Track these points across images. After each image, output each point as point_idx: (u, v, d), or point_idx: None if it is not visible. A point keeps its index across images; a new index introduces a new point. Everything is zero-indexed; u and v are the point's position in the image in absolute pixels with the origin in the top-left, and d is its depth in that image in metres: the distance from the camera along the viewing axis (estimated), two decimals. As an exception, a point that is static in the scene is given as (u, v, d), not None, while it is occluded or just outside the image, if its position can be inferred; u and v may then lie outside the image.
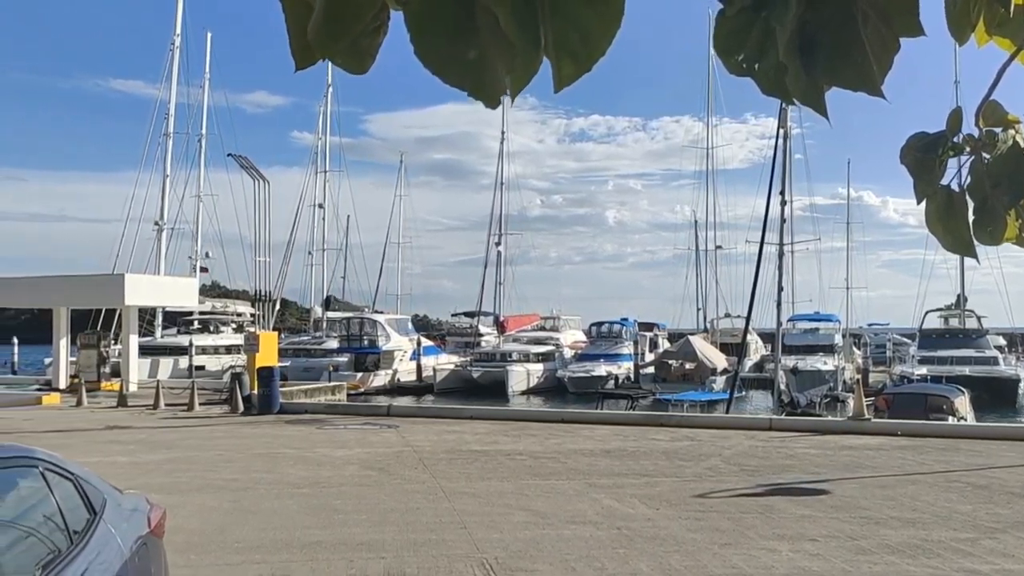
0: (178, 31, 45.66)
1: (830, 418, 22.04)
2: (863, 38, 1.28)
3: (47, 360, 32.37)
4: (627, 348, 44.81)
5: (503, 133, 54.77)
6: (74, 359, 26.49)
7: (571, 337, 51.69)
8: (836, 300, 58.67)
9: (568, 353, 47.78)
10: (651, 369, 40.79)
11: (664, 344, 48.65)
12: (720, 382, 35.50)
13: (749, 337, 35.99)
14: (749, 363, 45.37)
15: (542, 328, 53.51)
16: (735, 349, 35.85)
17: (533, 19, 1.09)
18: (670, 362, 38.97)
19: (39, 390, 24.48)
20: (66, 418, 18.59)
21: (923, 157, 1.57)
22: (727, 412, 23.10)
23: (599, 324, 49.10)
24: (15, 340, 47.73)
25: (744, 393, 34.06)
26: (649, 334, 49.41)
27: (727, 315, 54.39)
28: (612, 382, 39.96)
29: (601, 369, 41.77)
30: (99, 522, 3.50)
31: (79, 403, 21.43)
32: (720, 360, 38.15)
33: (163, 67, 45.90)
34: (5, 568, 2.65)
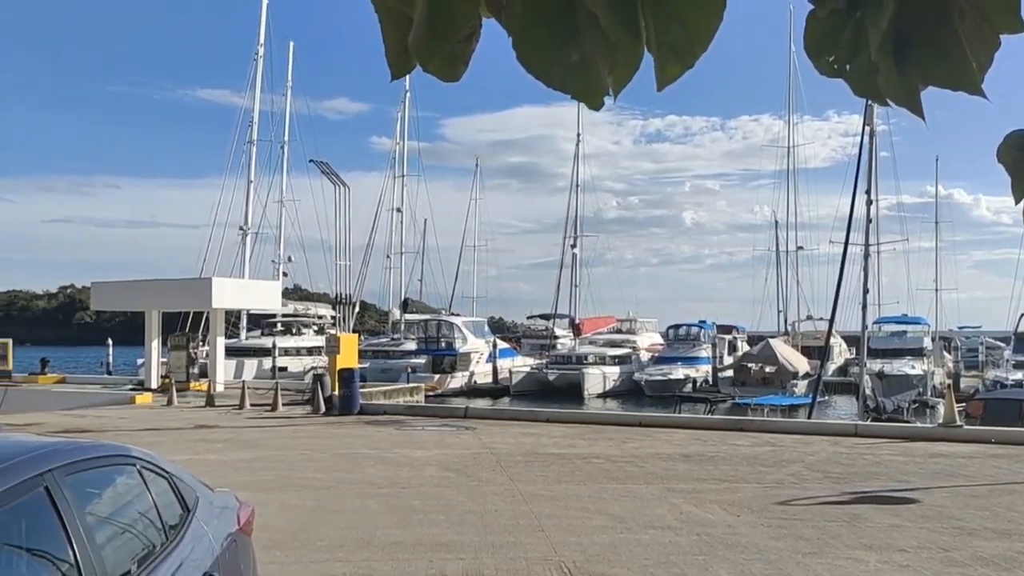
0: (262, 41, 47.03)
1: (919, 424, 21.31)
2: (960, 35, 1.23)
3: (139, 361, 33.70)
4: (705, 351, 44.21)
5: (578, 135, 54.73)
6: (165, 360, 27.48)
7: (648, 340, 51.26)
8: (925, 302, 56.66)
9: (645, 356, 47.40)
10: (730, 372, 40.10)
11: (743, 347, 47.78)
12: (802, 386, 34.67)
13: (832, 340, 35.12)
14: (832, 367, 44.24)
15: (618, 331, 53.22)
16: (817, 352, 34.94)
17: (634, 16, 1.08)
18: (750, 365, 38.25)
19: (132, 390, 25.48)
20: (158, 417, 19.30)
21: (1023, 156, 1.51)
22: (809, 417, 22.54)
23: (676, 327, 48.57)
24: (110, 342, 49.84)
25: (827, 398, 33.24)
26: (728, 337, 48.65)
27: (809, 317, 53.11)
28: (690, 385, 39.51)
29: (679, 372, 41.31)
30: (192, 519, 3.63)
31: (170, 402, 22.24)
32: (802, 364, 37.28)
33: (247, 76, 47.35)
34: (106, 562, 2.77)
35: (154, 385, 25.94)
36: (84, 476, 3.00)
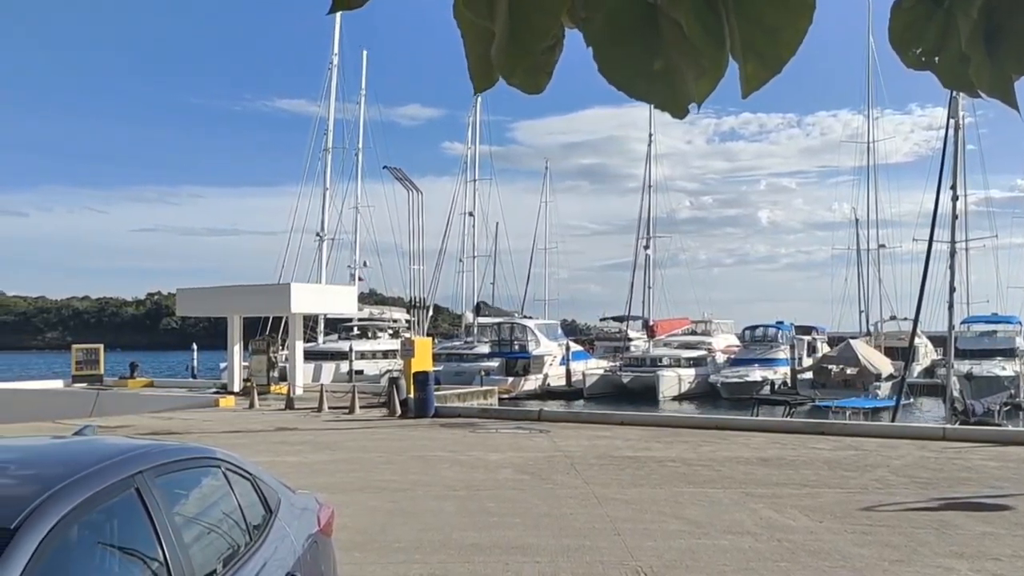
0: (336, 51, 48.06)
1: (1012, 428, 20.42)
2: (1054, 22, 1.17)
3: (222, 365, 34.70)
4: (783, 352, 43.27)
5: (650, 136, 54.15)
6: (246, 364, 28.25)
7: (723, 341, 50.42)
8: (1016, 301, 54.30)
9: (720, 358, 46.63)
10: (809, 374, 39.16)
11: (823, 348, 46.59)
12: (885, 388, 33.59)
13: (917, 340, 33.95)
14: (918, 368, 42.82)
15: (693, 332, 52.50)
16: (901, 353, 33.87)
17: (718, 23, 1.06)
18: (830, 367, 37.29)
19: (216, 393, 26.26)
20: (240, 419, 19.84)
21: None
22: (893, 420, 21.81)
23: (753, 328, 47.65)
24: (194, 346, 51.49)
25: (912, 400, 32.12)
26: (807, 338, 47.51)
27: (893, 317, 51.45)
28: (768, 388, 38.68)
29: (756, 374, 40.51)
30: (274, 520, 3.71)
31: (251, 405, 22.85)
32: (885, 365, 36.16)
33: (323, 85, 48.41)
34: (193, 561, 2.85)
35: (236, 388, 26.69)
36: (172, 477, 3.10)
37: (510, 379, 40.60)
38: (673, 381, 41.52)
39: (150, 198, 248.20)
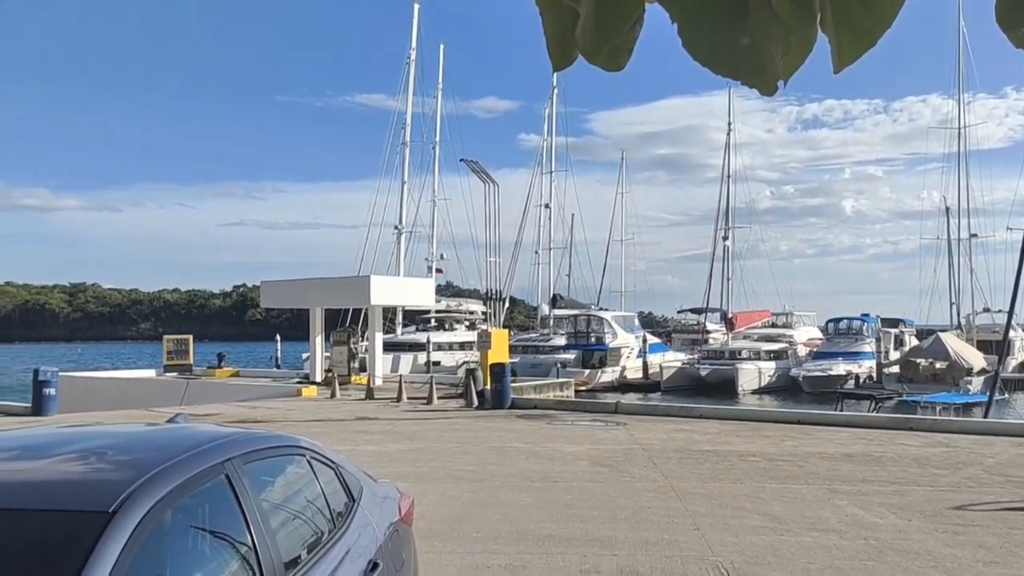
0: (414, 45, 48.57)
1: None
2: None
3: (304, 355, 35.58)
4: (868, 346, 41.98)
5: (729, 124, 53.32)
6: (327, 355, 28.86)
7: (805, 334, 49.26)
8: (1122, 292, 51.32)
9: (802, 351, 45.60)
10: (896, 368, 37.92)
11: (911, 341, 45.03)
12: (977, 383, 32.31)
13: (1012, 334, 32.56)
14: (1012, 363, 41.06)
15: (773, 325, 51.48)
16: (995, 347, 32.53)
17: None
18: (918, 361, 36.02)
19: (299, 383, 26.91)
20: (322, 409, 20.30)
21: None
22: (986, 416, 20.94)
23: (837, 320, 46.40)
24: (278, 337, 52.85)
25: (1006, 396, 30.81)
26: (894, 331, 46.00)
27: (986, 310, 49.43)
28: (852, 382, 37.63)
29: (840, 368, 39.48)
30: (357, 508, 3.78)
31: (332, 395, 23.36)
32: (977, 359, 34.77)
33: (400, 80, 49.01)
34: (280, 546, 2.92)
35: (318, 378, 27.29)
36: (260, 465, 3.19)
37: (586, 371, 40.52)
38: (753, 374, 40.80)
39: (236, 194, 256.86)
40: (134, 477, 2.53)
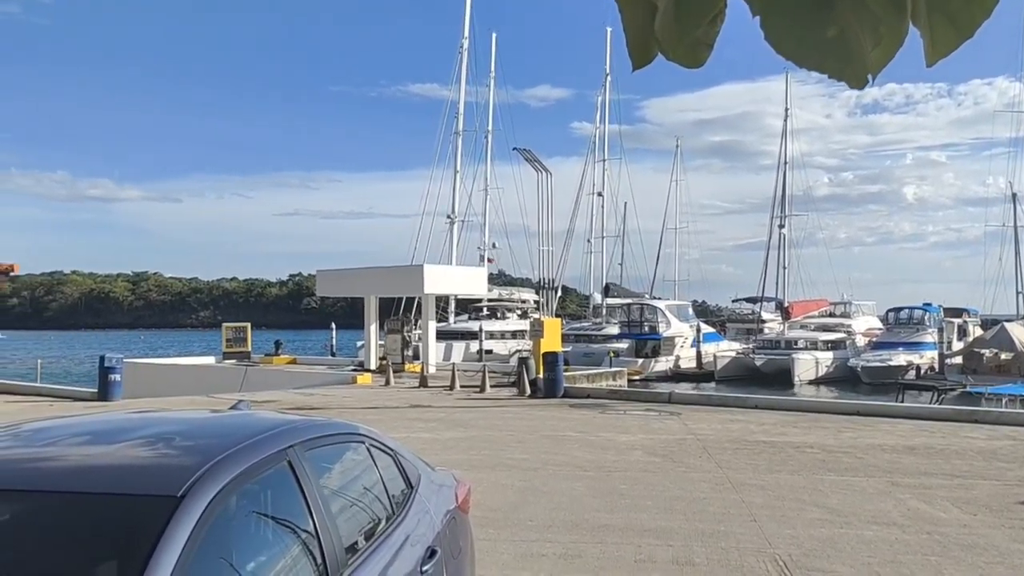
0: (466, 34, 48.62)
1: None
2: None
3: (359, 343, 35.98)
4: (930, 336, 40.99)
5: (786, 110, 52.21)
6: (382, 343, 29.18)
7: (864, 324, 48.29)
8: None
9: (861, 341, 44.70)
10: (959, 359, 36.90)
11: (975, 331, 43.79)
12: (1045, 375, 31.26)
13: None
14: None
15: (831, 314, 50.53)
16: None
17: None
18: (982, 352, 34.95)
19: (354, 370, 27.27)
20: (377, 396, 20.53)
21: None
22: (1056, 409, 20.28)
23: (897, 310, 45.35)
24: (333, 325, 53.58)
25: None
26: (957, 321, 44.81)
27: (1054, 298, 47.75)
28: (913, 372, 36.77)
29: (900, 358, 38.61)
30: (415, 495, 3.81)
31: (387, 383, 23.62)
32: (1045, 350, 33.60)
33: (453, 69, 49.12)
34: (341, 532, 2.96)
35: (373, 366, 27.62)
36: (321, 452, 3.23)
37: (639, 361, 40.28)
38: (809, 364, 40.12)
39: (292, 184, 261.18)
40: (201, 462, 2.58)
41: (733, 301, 62.79)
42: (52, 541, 2.39)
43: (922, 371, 37.24)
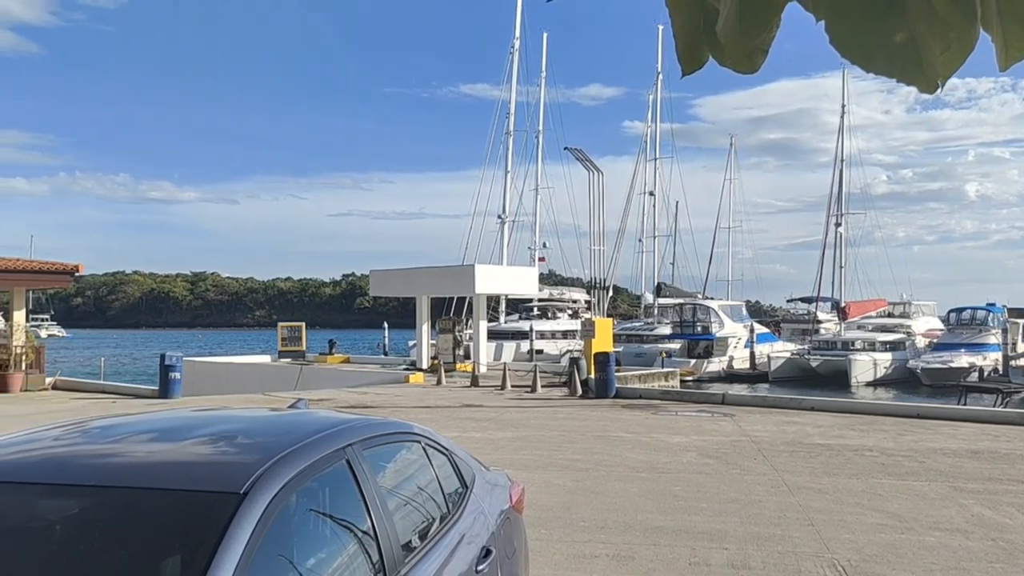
0: (517, 34, 48.66)
1: None
2: None
3: (411, 343, 36.27)
4: (994, 337, 39.83)
5: (843, 107, 51.14)
6: (433, 342, 29.37)
7: (924, 324, 47.09)
8: None
9: (921, 342, 43.63)
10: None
11: (1041, 332, 42.40)
12: (1116, 378, 30.17)
13: None
14: None
15: (889, 314, 49.38)
16: None
17: None
18: (1050, 353, 33.91)
19: (406, 370, 27.50)
20: (429, 395, 20.68)
21: None
22: None
23: (959, 310, 44.15)
24: (385, 325, 54.12)
25: None
26: (1022, 321, 43.42)
27: None
28: (975, 374, 35.75)
29: (962, 360, 37.58)
30: (470, 495, 3.83)
31: (439, 382, 23.76)
32: (1117, 352, 32.44)
33: (504, 69, 49.22)
34: (398, 530, 2.99)
35: (425, 365, 27.81)
36: (378, 451, 3.27)
37: (692, 361, 39.88)
38: (867, 366, 39.30)
39: (345, 185, 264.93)
40: (263, 460, 2.63)
41: (788, 301, 61.88)
42: (120, 535, 2.45)
43: (985, 373, 36.16)
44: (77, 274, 24.65)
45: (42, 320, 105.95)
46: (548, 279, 55.84)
